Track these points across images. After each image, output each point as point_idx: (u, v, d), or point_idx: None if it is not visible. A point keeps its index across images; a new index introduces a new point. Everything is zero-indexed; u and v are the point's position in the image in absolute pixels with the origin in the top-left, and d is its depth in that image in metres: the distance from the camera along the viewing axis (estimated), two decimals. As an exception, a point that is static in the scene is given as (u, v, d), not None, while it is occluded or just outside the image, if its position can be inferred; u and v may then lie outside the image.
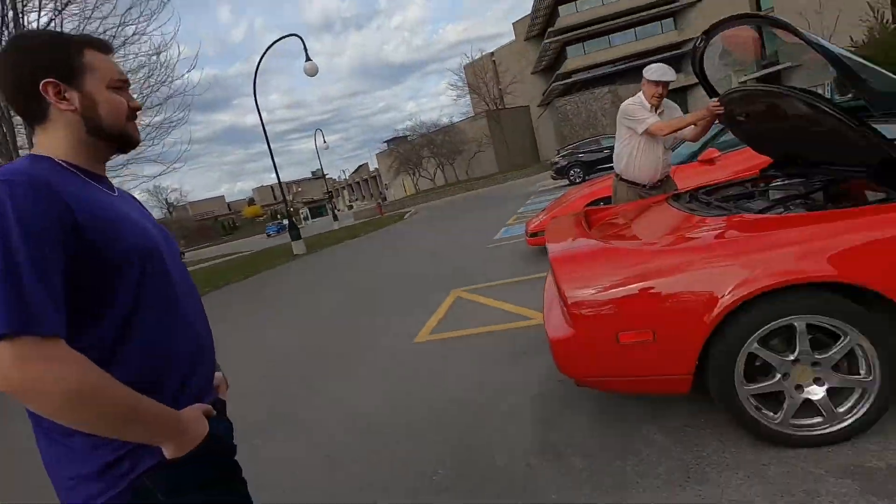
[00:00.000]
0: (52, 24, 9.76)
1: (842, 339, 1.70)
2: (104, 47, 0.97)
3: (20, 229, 0.74)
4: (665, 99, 3.33)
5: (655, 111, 3.32)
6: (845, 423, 1.75)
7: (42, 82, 0.88)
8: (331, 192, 39.80)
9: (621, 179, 3.58)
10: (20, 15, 9.68)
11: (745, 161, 4.75)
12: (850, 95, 2.45)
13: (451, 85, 68.39)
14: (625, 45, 40.92)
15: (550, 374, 2.89)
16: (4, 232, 0.74)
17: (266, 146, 14.14)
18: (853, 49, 20.80)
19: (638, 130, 3.30)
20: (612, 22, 40.00)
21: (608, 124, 32.53)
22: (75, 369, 0.74)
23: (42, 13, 9.89)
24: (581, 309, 1.94)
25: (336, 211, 29.28)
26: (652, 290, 1.83)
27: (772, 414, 1.81)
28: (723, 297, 1.72)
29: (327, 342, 4.88)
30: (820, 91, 2.72)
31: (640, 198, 3.45)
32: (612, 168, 3.76)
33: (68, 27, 9.90)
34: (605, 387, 2.07)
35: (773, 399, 1.82)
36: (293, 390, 3.74)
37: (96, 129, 0.93)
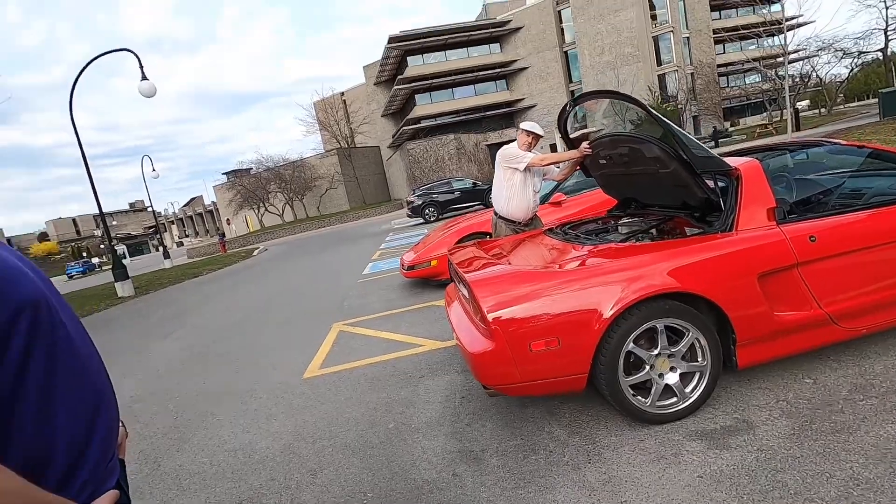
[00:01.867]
0: None
1: (686, 335, 2.28)
2: None
3: None
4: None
5: None
6: (691, 400, 2.32)
7: None
8: (157, 226, 35.11)
9: (500, 217, 4.11)
10: None
11: (584, 203, 5.79)
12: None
13: (301, 120, 67.25)
14: (466, 99, 45.28)
15: (451, 392, 3.13)
16: None
17: (73, 171, 12.14)
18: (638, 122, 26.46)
19: (520, 167, 3.88)
20: (454, 77, 44.09)
21: (454, 168, 35.35)
22: None
23: None
24: (499, 324, 2.23)
25: (165, 248, 25.85)
26: (556, 305, 2.22)
27: (643, 399, 2.30)
28: (609, 307, 2.18)
29: (205, 387, 4.39)
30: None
31: (515, 233, 4.00)
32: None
33: None
34: (518, 392, 2.37)
35: (643, 387, 2.32)
36: (179, 438, 3.31)
37: None
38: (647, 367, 2.28)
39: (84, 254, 66.65)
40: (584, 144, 3.39)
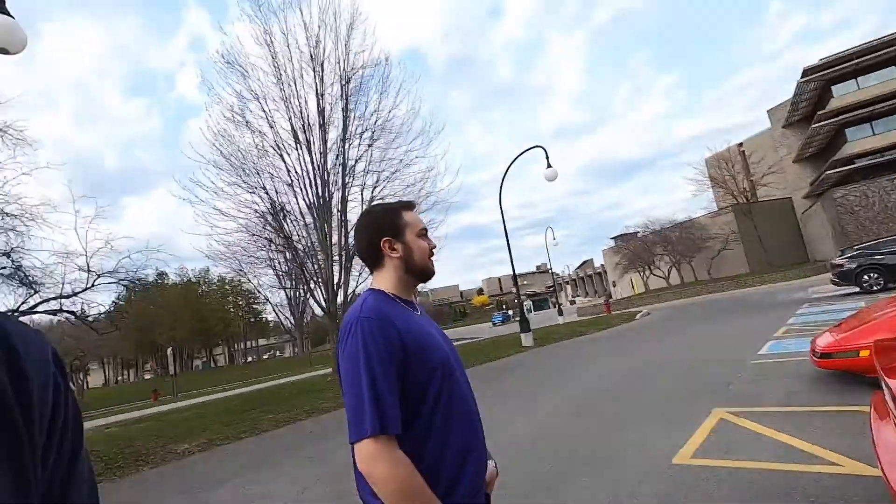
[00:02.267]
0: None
1: None
2: (411, 206, 1.33)
3: (377, 354, 1.05)
4: None
5: None
6: None
7: (382, 240, 1.24)
8: (554, 286, 40.44)
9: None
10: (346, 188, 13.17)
11: None
12: None
13: (690, 179, 63.97)
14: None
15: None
16: (368, 355, 1.05)
17: (503, 241, 15.52)
18: None
19: None
20: (904, 97, 32.30)
21: (915, 218, 25.41)
22: (402, 472, 1.00)
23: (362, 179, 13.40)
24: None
25: (560, 305, 29.46)
26: None
27: None
28: None
29: (573, 445, 4.80)
30: None
31: None
32: None
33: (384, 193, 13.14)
34: None
35: None
36: (545, 487, 3.77)
37: (412, 268, 1.25)
38: None
39: (503, 306, 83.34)
40: None
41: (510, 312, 65.74)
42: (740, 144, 47.35)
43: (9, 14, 3.80)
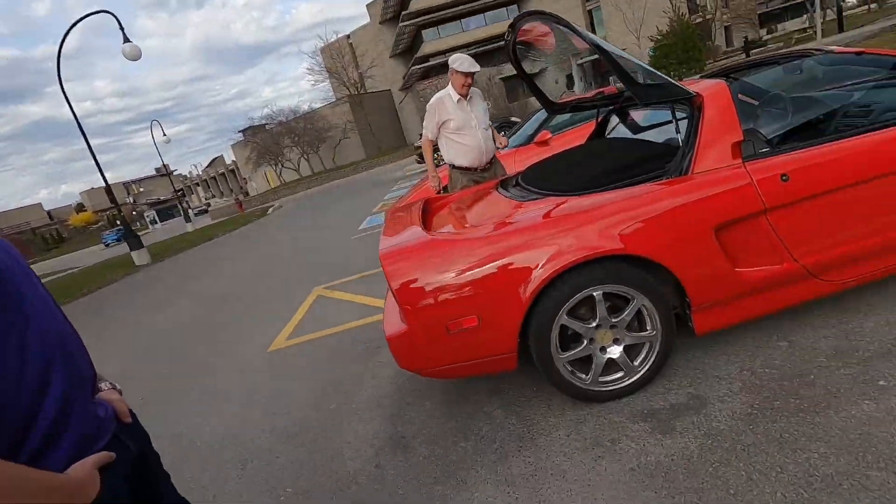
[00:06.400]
0: None
1: (630, 302, 1.94)
2: None
3: None
4: (472, 87, 3.56)
5: (465, 99, 3.57)
6: (640, 374, 2.02)
7: None
8: (181, 189, 35.56)
9: (454, 167, 3.73)
10: None
11: (575, 140, 5.25)
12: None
13: (309, 69, 65.06)
14: (477, 30, 42.58)
15: (404, 365, 2.92)
16: None
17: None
18: (658, 38, 24.27)
19: (428, 135, 3.71)
20: (463, 6, 41.26)
21: (467, 107, 33.78)
22: None
23: None
24: (411, 303, 1.95)
25: (191, 211, 26.29)
26: (473, 279, 1.91)
27: (584, 376, 2.02)
28: (533, 278, 1.86)
29: (166, 363, 4.37)
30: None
31: (474, 183, 3.61)
32: None
33: None
34: (443, 375, 2.12)
35: (584, 362, 2.03)
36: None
37: None
38: (586, 342, 1.98)
39: (118, 222, 69.12)
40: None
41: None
42: (348, 37, 50.39)
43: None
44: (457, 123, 3.54)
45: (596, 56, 2.29)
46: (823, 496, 1.38)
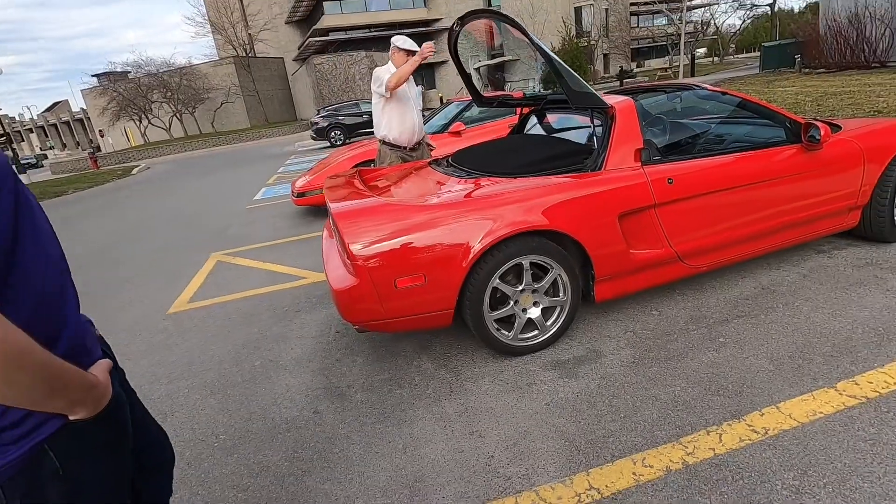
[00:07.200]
0: None
1: (550, 271, 2.32)
2: None
3: None
4: None
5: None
6: (551, 333, 2.42)
7: None
8: (5, 134, 29.28)
9: (384, 143, 3.88)
10: None
11: (486, 134, 5.68)
12: (551, 90, 3.21)
13: (189, 19, 58.10)
14: (380, 13, 41.93)
15: (327, 326, 3.03)
16: None
17: None
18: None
19: (382, 91, 3.65)
20: (368, -14, 40.33)
21: (365, 90, 33.21)
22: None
23: None
24: (364, 260, 2.11)
25: (24, 162, 21.85)
26: (424, 241, 2.13)
27: (507, 333, 2.35)
28: (476, 244, 2.14)
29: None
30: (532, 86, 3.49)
31: (402, 160, 3.81)
32: (371, 132, 4.07)
33: None
34: (384, 328, 2.31)
35: (507, 322, 2.37)
36: None
37: None
38: (512, 303, 2.32)
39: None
40: (428, 44, 3.25)
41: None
42: (239, -8, 46.11)
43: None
44: (398, 98, 3.68)
45: (500, 60, 2.63)
46: (684, 415, 1.87)
